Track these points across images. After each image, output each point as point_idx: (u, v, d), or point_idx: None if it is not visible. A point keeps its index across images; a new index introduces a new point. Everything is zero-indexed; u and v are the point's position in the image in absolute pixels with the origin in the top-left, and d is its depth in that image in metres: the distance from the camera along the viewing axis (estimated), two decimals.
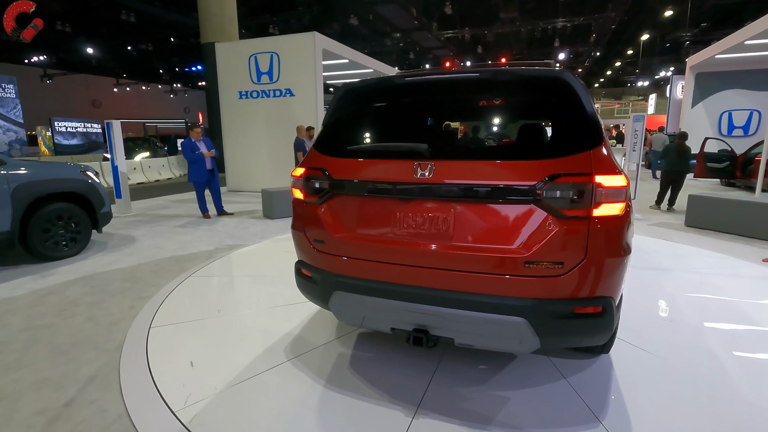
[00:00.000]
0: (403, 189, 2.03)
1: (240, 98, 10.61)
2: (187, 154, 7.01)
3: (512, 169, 1.88)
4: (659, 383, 2.45)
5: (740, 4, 21.04)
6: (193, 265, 4.82)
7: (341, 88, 2.41)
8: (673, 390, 2.38)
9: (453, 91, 2.24)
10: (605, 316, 1.89)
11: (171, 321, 3.32)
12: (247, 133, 10.74)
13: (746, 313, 3.45)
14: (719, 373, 2.56)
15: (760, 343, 2.94)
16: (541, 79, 2.03)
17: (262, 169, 10.70)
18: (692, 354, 2.78)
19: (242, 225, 7.01)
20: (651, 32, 26.56)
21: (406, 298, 2.04)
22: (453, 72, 2.16)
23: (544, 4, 23.53)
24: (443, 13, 23.15)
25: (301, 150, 8.48)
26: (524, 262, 1.84)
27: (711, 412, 2.19)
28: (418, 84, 2.27)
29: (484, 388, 2.41)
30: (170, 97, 38.29)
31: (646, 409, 2.21)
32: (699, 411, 2.19)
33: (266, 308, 3.56)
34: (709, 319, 3.32)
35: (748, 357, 2.76)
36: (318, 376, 2.54)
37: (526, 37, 28.29)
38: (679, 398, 2.30)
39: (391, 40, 27.61)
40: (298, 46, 9.83)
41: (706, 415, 2.16)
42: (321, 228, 2.25)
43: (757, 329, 3.15)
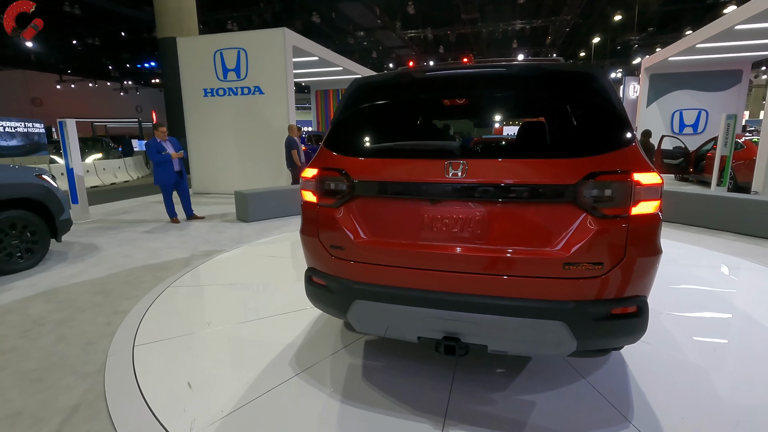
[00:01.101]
0: (433, 190, 1.92)
1: (205, 96, 10.11)
2: (152, 155, 6.55)
3: (549, 168, 1.81)
4: (675, 376, 2.48)
5: (680, 11, 22.61)
6: (170, 275, 4.49)
7: (354, 83, 2.26)
8: (689, 381, 2.41)
9: (475, 87, 2.15)
10: (641, 315, 1.86)
11: (157, 337, 3.04)
12: (213, 133, 10.25)
13: (734, 302, 3.60)
14: (728, 361, 2.63)
15: (756, 331, 3.05)
16: (569, 74, 1.98)
17: (230, 170, 10.25)
18: (696, 344, 2.85)
19: (216, 229, 6.65)
20: (602, 35, 27.84)
21: (436, 305, 1.93)
22: (477, 66, 2.07)
23: (502, 6, 24.12)
24: (406, 12, 23.24)
25: (295, 149, 8.44)
26: (564, 264, 1.78)
27: (729, 400, 2.23)
28: (438, 78, 2.17)
29: (507, 393, 2.34)
30: (121, 95, 36.18)
31: (669, 403, 2.21)
32: (717, 401, 2.23)
33: (260, 318, 3.34)
34: (703, 309, 3.44)
35: (750, 344, 2.86)
36: (332, 390, 2.38)
37: (486, 37, 28.91)
38: (697, 389, 2.33)
39: (354, 38, 27.41)
40: (267, 42, 9.48)
41: (725, 404, 2.19)
42: (339, 233, 2.09)
43: (749, 317, 3.28)
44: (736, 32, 8.85)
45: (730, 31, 8.82)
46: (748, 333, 3.04)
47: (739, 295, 3.83)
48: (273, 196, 7.47)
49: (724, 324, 3.22)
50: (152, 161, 6.62)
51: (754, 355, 2.73)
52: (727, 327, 3.17)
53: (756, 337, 2.97)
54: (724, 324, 3.22)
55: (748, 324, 3.18)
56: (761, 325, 3.13)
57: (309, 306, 3.52)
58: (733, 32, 8.86)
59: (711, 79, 12.83)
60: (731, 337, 3.00)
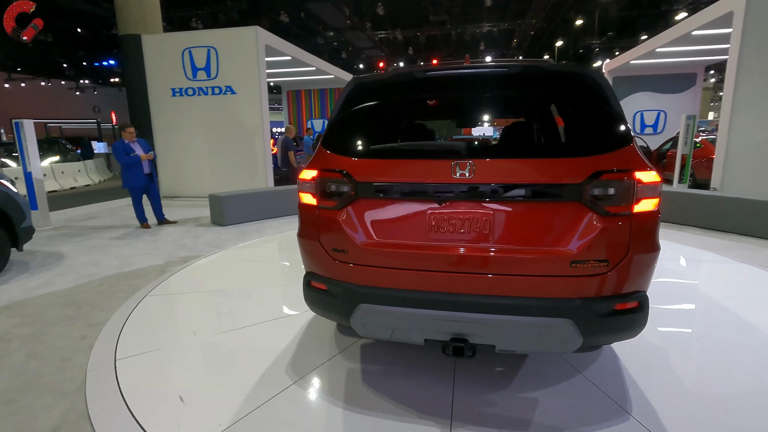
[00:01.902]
0: (440, 190, 1.90)
1: (173, 96, 9.74)
2: (120, 157, 6.25)
3: (555, 167, 1.83)
4: (664, 367, 2.56)
5: (636, 17, 23.79)
6: (146, 283, 4.28)
7: (352, 82, 2.21)
8: (677, 371, 2.50)
9: (476, 87, 2.15)
10: (643, 310, 1.91)
11: (139, 349, 2.88)
12: (183, 134, 9.88)
13: (708, 293, 3.78)
14: (711, 351, 2.75)
15: (731, 320, 3.21)
16: (569, 75, 2.01)
17: (202, 172, 9.92)
18: (682, 336, 2.97)
19: (190, 234, 6.40)
20: (565, 39, 28.83)
21: (444, 306, 1.91)
22: (480, 66, 2.07)
23: (470, 9, 24.56)
24: (375, 13, 23.27)
25: (292, 149, 8.72)
26: (571, 262, 1.80)
27: (721, 390, 2.32)
28: (438, 78, 2.15)
29: (509, 392, 2.35)
30: (76, 94, 34.36)
31: (662, 394, 2.29)
32: (706, 389, 2.32)
33: (248, 326, 3.23)
34: (682, 301, 3.59)
35: (727, 334, 3.01)
36: (333, 397, 2.32)
37: (455, 39, 29.34)
38: (686, 379, 2.42)
39: (323, 38, 27.15)
40: (239, 40, 9.23)
41: (714, 393, 2.29)
42: (342, 236, 2.04)
43: (725, 308, 3.45)
44: (692, 37, 9.36)
45: (688, 36, 9.32)
46: (724, 322, 3.19)
47: (711, 286, 4.03)
48: (249, 198, 7.28)
49: (702, 314, 3.37)
50: (120, 164, 6.31)
51: (733, 344, 2.87)
52: (706, 317, 3.32)
53: (731, 326, 3.12)
54: (702, 314, 3.37)
55: (725, 314, 3.34)
56: (735, 315, 3.29)
57: (298, 311, 3.44)
58: (690, 37, 9.36)
59: (669, 81, 13.52)
60: (709, 327, 3.13)
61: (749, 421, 2.07)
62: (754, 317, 3.22)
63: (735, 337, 2.96)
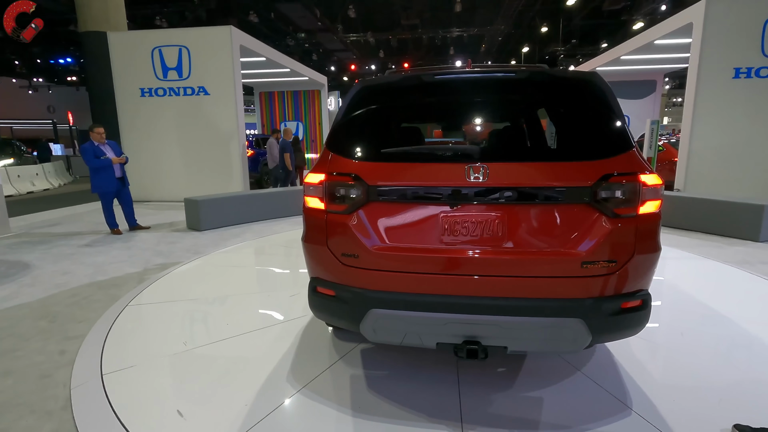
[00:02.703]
0: (454, 194, 1.90)
1: (142, 96, 9.36)
2: (90, 160, 5.94)
3: (566, 170, 1.88)
4: (655, 361, 2.67)
5: (597, 25, 24.91)
6: (124, 292, 4.08)
7: (358, 84, 2.19)
8: (671, 367, 2.62)
9: (483, 91, 2.18)
10: (646, 308, 1.98)
11: (127, 363, 2.74)
12: (153, 136, 9.51)
13: (688, 291, 3.97)
14: (699, 345, 2.88)
15: (709, 315, 3.39)
16: (574, 80, 2.07)
17: (174, 175, 9.58)
18: (668, 331, 3.10)
19: (166, 240, 6.16)
20: (531, 45, 29.73)
21: (457, 309, 1.92)
22: (486, 71, 2.10)
23: (440, 14, 24.94)
24: (347, 15, 23.25)
25: (288, 152, 8.91)
26: (582, 263, 1.85)
27: (710, 380, 2.44)
28: (448, 82, 2.16)
29: (514, 392, 2.38)
30: (29, 93, 32.42)
31: (657, 387, 2.38)
32: (700, 383, 2.43)
33: (241, 333, 3.13)
34: (666, 299, 3.75)
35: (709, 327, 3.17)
36: (340, 405, 2.28)
37: (426, 43, 29.70)
38: (678, 372, 2.53)
39: (294, 39, 26.84)
40: (212, 40, 8.99)
41: (707, 385, 2.40)
42: (352, 240, 2.01)
43: (702, 302, 3.64)
44: (655, 46, 9.86)
45: (650, 45, 9.81)
46: (705, 318, 3.37)
47: (685, 283, 4.23)
48: (227, 202, 7.08)
49: (685, 311, 3.54)
50: (89, 167, 6.00)
51: (715, 337, 3.03)
52: (688, 313, 3.49)
53: (711, 321, 3.29)
54: (685, 311, 3.54)
55: (706, 310, 3.52)
56: (713, 310, 3.48)
57: (291, 318, 3.37)
58: (653, 46, 9.86)
59: (631, 88, 14.19)
60: (692, 322, 3.29)
61: (740, 408, 2.18)
62: (732, 312, 3.41)
63: (716, 331, 3.12)
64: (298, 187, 8.76)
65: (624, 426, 2.09)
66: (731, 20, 7.71)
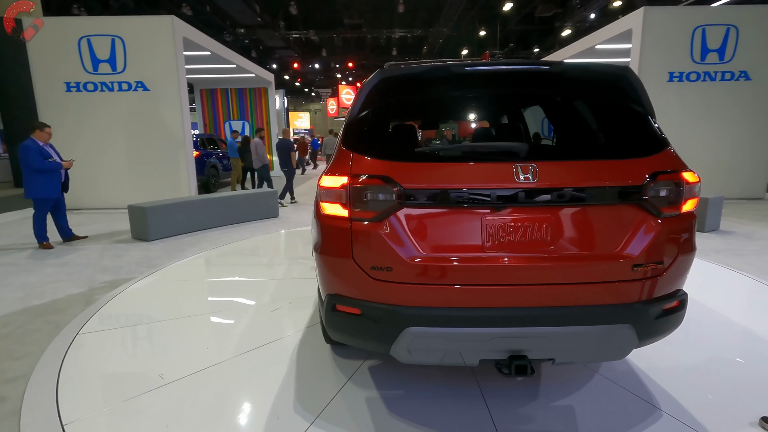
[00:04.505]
0: (501, 196, 1.73)
1: (68, 91, 8.30)
2: (37, 161, 5.24)
3: (617, 169, 1.78)
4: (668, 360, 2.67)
5: (530, 31, 26.37)
6: (70, 318, 3.49)
7: (378, 74, 1.94)
8: (685, 364, 2.63)
9: (517, 84, 2.03)
10: (683, 308, 1.94)
11: (94, 407, 2.27)
12: (83, 136, 8.46)
13: None
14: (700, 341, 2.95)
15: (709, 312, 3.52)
16: (609, 75, 1.98)
17: (109, 180, 8.59)
18: None
19: (110, 253, 5.45)
20: (470, 48, 30.72)
21: (505, 322, 1.75)
22: (520, 63, 1.95)
23: (382, 14, 24.99)
24: (288, 12, 22.55)
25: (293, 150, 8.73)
26: (633, 266, 1.76)
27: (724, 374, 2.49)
28: (479, 74, 1.98)
29: (542, 403, 2.27)
30: None
31: (679, 386, 2.38)
32: (715, 378, 2.47)
33: (225, 360, 2.74)
34: None
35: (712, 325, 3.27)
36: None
37: (371, 43, 29.62)
38: (694, 370, 2.56)
39: (232, 35, 25.56)
40: (151, 31, 8.18)
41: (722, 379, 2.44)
42: (385, 251, 1.77)
43: None
44: (597, 51, 10.47)
45: (593, 50, 10.40)
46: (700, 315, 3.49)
47: None
48: (179, 208, 6.44)
49: None
50: (32, 168, 5.27)
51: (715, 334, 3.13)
52: None
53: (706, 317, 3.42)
54: None
55: None
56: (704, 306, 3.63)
57: (279, 336, 3.04)
58: (595, 51, 10.46)
59: None
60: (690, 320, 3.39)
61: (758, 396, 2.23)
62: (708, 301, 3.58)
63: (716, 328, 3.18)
64: (257, 191, 8.23)
65: (660, 428, 2.04)
66: (666, 28, 8.35)
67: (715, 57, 8.51)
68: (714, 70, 8.56)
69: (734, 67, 8.54)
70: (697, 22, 8.38)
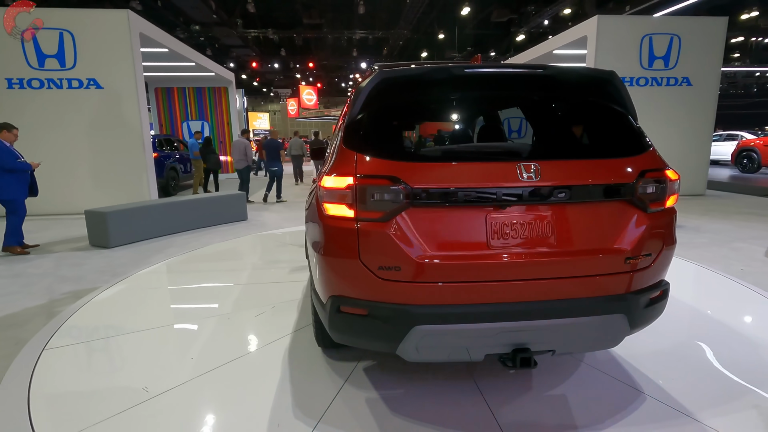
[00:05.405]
0: (506, 194, 1.78)
1: (10, 88, 7.67)
2: (9, 161, 5.03)
3: (611, 167, 1.89)
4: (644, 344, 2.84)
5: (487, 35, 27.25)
6: (31, 333, 3.23)
7: (378, 75, 1.94)
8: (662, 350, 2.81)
9: (512, 87, 2.09)
10: (666, 297, 2.08)
11: (75, 427, 2.12)
12: (27, 136, 7.79)
13: None
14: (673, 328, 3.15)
15: None
16: (595, 78, 2.08)
17: (58, 184, 7.98)
18: None
19: (68, 261, 5.09)
20: (430, 51, 31.22)
21: (510, 317, 1.81)
22: (516, 66, 2.01)
23: (342, 15, 24.93)
24: (245, 10, 22.02)
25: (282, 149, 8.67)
26: (626, 258, 1.87)
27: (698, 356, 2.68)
28: (479, 77, 2.03)
29: (536, 393, 2.35)
30: None
31: (656, 369, 2.54)
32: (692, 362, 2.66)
33: (213, 369, 2.63)
34: None
35: None
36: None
37: (331, 44, 29.42)
38: (672, 356, 2.75)
39: (186, 32, 24.58)
40: (104, 25, 7.72)
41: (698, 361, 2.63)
42: (393, 251, 1.78)
43: None
44: (554, 56, 10.95)
45: (550, 55, 10.87)
46: None
47: None
48: (141, 213, 6.12)
49: None
50: (6, 168, 5.03)
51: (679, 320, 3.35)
52: None
53: None
54: None
55: None
56: None
57: (267, 341, 2.97)
58: (552, 56, 10.94)
59: None
60: None
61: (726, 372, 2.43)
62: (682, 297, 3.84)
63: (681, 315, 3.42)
64: (221, 193, 7.96)
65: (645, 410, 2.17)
66: (617, 36, 8.88)
67: (661, 63, 9.16)
68: (660, 76, 9.20)
69: (677, 73, 9.21)
70: (645, 30, 8.98)
